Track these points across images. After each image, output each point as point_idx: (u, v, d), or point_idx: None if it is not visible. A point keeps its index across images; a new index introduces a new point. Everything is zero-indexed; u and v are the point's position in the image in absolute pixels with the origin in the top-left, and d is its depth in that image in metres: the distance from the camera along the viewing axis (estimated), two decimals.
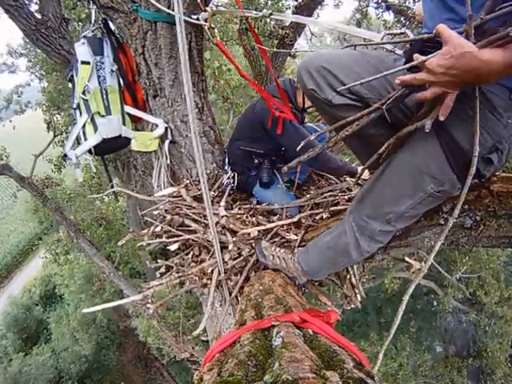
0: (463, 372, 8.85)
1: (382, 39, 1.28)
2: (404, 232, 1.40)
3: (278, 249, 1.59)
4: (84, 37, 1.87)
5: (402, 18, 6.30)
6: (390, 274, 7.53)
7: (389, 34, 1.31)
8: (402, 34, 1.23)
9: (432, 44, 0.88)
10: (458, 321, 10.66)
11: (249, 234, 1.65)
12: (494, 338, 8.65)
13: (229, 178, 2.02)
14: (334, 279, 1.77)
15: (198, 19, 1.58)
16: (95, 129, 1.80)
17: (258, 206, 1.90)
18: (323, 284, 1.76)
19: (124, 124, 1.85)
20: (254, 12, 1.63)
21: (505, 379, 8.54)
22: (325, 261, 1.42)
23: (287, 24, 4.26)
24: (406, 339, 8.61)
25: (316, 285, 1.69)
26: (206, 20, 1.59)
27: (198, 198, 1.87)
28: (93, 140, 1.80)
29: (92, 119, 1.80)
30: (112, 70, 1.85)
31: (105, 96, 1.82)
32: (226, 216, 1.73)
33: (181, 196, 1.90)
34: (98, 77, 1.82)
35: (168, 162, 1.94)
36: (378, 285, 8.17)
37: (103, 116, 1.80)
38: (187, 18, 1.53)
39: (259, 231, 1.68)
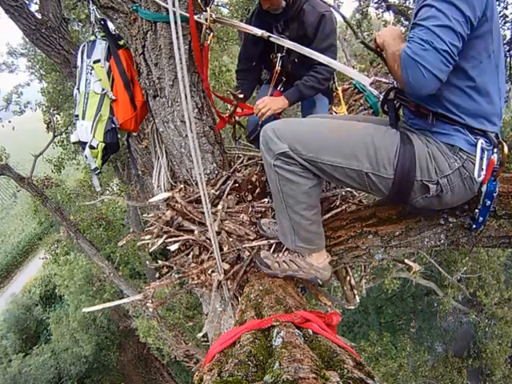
0: (463, 372, 8.85)
1: (370, 84, 1.35)
2: (404, 231, 1.39)
3: (279, 254, 1.48)
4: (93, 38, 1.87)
5: (402, 19, 6.30)
6: (390, 274, 7.53)
7: (378, 80, 1.45)
8: (387, 83, 1.32)
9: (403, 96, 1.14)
10: (458, 321, 10.65)
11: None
12: (494, 339, 8.64)
13: None
14: (334, 279, 1.77)
15: (199, 18, 1.58)
16: (74, 129, 1.83)
17: (254, 204, 1.88)
18: (323, 284, 1.76)
19: (94, 135, 1.80)
20: (255, 31, 1.63)
21: (504, 380, 8.54)
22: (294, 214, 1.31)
23: None
24: (406, 339, 8.61)
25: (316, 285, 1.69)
26: (206, 20, 1.59)
27: (195, 201, 1.86)
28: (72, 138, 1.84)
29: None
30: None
31: (86, 100, 1.81)
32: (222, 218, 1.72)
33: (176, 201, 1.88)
34: (86, 80, 1.82)
35: (168, 161, 1.93)
36: (378, 285, 8.17)
37: (78, 119, 1.82)
38: (184, 13, 1.53)
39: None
